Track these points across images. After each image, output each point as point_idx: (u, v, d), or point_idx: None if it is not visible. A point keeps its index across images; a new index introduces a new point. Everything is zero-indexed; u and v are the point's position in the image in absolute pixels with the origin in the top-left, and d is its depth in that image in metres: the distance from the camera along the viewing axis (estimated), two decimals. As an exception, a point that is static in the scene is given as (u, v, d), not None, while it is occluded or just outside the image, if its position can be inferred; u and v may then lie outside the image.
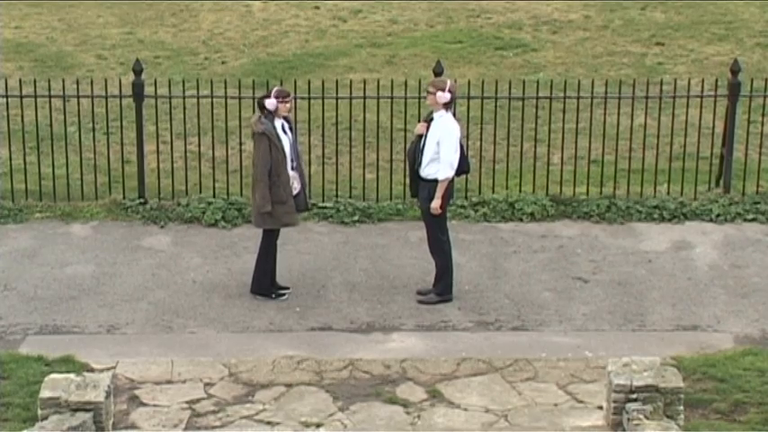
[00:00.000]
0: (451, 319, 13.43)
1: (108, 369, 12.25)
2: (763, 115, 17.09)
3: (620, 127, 16.52)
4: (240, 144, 16.43)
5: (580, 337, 13.24)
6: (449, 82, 13.72)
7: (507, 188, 16.10)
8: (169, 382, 12.30)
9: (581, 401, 12.06)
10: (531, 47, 21.52)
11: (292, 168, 13.55)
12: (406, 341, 13.06)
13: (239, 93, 16.09)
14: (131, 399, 12.06)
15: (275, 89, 13.59)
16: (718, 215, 15.78)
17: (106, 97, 16.00)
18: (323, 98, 16.01)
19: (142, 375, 12.42)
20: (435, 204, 13.38)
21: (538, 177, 16.07)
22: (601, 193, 16.06)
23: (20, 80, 16.42)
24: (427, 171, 13.51)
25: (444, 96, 13.47)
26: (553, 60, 20.86)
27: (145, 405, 12.00)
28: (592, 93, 16.18)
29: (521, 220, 15.56)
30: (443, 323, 13.35)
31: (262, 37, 22.09)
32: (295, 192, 13.57)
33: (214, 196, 15.90)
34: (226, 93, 15.92)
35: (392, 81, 16.37)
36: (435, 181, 13.42)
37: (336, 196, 15.98)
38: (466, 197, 15.85)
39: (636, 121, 16.37)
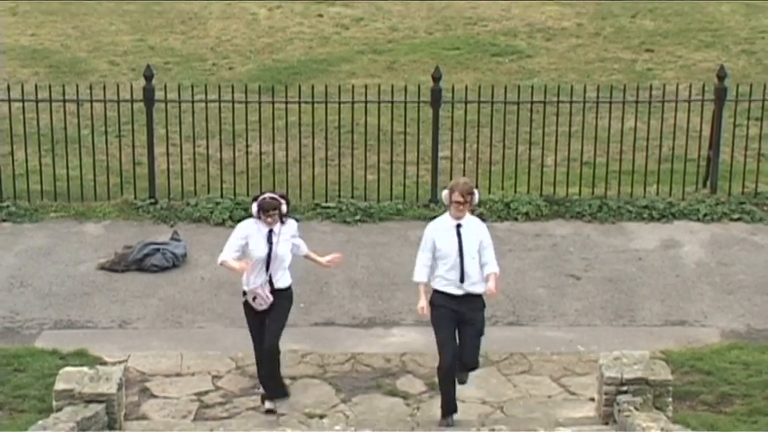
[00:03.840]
0: (449, 314, 13.41)
1: (120, 362, 12.26)
2: (748, 119, 17.14)
3: (611, 130, 16.53)
4: (246, 146, 16.43)
5: (573, 331, 13.24)
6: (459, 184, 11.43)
7: (503, 189, 16.10)
8: (178, 374, 12.31)
9: (573, 393, 12.07)
10: (526, 53, 21.52)
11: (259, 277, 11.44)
12: (406, 336, 13.06)
13: (246, 97, 16.11)
14: (142, 391, 12.07)
15: (262, 198, 11.52)
16: (705, 215, 15.78)
17: (118, 102, 16.00)
18: (326, 102, 16.01)
19: (153, 368, 12.43)
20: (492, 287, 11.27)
21: (532, 178, 16.07)
22: (593, 193, 16.07)
23: (35, 85, 16.43)
24: (479, 287, 11.27)
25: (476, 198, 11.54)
26: (547, 66, 20.86)
27: (155, 397, 12.01)
28: (584, 97, 16.17)
29: (516, 219, 15.56)
30: (442, 318, 13.34)
31: (267, 44, 22.09)
32: (251, 297, 11.48)
33: (222, 197, 15.90)
34: (233, 97, 15.92)
35: (392, 86, 16.37)
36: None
37: (339, 196, 15.99)
38: (463, 197, 15.83)
39: (626, 125, 16.36)
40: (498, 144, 15.95)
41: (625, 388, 11.09)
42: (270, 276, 11.53)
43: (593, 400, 11.75)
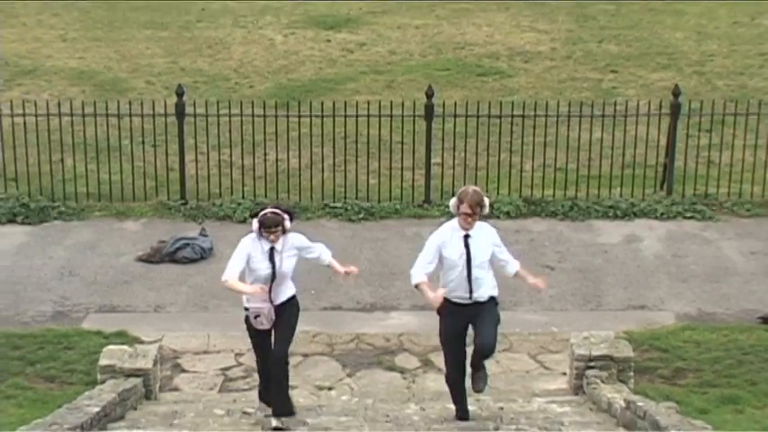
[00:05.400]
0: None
1: (155, 342, 12.25)
2: (699, 131, 17.14)
3: (580, 140, 16.51)
4: (265, 154, 16.42)
5: (547, 315, 13.23)
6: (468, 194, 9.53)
7: (487, 191, 16.03)
8: (206, 352, 12.31)
9: (548, 368, 12.06)
10: (507, 73, 21.50)
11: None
12: (403, 318, 13.05)
13: (264, 112, 16.10)
14: (174, 366, 12.07)
15: (263, 214, 9.60)
16: (662, 214, 15.77)
17: (153, 116, 15.99)
18: (333, 116, 16.00)
19: (184, 347, 12.43)
20: (537, 281, 9.98)
21: (513, 182, 16.06)
22: (565, 195, 16.05)
23: (82, 102, 16.43)
24: (491, 292, 9.82)
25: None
26: (525, 85, 20.85)
27: (186, 371, 12.01)
28: (557, 112, 16.16)
29: (498, 217, 15.53)
30: (434, 303, 13.33)
31: (283, 65, 22.08)
32: (254, 315, 9.83)
33: (243, 197, 15.88)
34: (253, 111, 15.91)
35: (391, 102, 16.35)
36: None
37: (345, 198, 15.98)
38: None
39: (594, 136, 16.37)
40: (483, 152, 15.93)
41: (593, 364, 11.09)
42: (270, 294, 9.69)
43: (565, 374, 11.74)
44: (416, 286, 9.54)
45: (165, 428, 9.81)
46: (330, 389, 11.63)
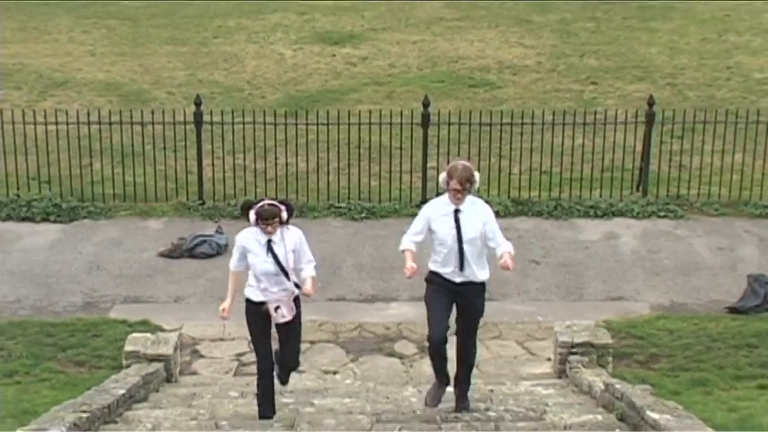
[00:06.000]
0: (436, 291, 13.39)
1: (175, 330, 12.27)
2: (671, 137, 17.14)
3: (564, 146, 16.51)
4: (275, 159, 16.42)
5: (534, 305, 13.24)
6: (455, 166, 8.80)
7: (479, 192, 16.02)
8: (222, 339, 12.32)
9: (534, 354, 12.07)
10: (497, 85, 21.50)
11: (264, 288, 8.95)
12: (402, 309, 13.06)
13: (275, 120, 16.11)
14: (193, 352, 12.08)
15: (260, 206, 8.83)
16: (638, 213, 15.77)
17: (174, 123, 15.99)
18: (338, 124, 16.00)
19: (201, 335, 12.44)
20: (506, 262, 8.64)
21: (502, 184, 16.06)
22: (549, 196, 16.05)
23: (109, 111, 16.44)
24: (481, 274, 8.81)
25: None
26: (513, 95, 20.85)
27: (203, 357, 12.02)
28: (542, 120, 16.16)
29: (488, 216, 15.54)
30: (430, 295, 13.32)
31: (292, 78, 22.08)
32: (274, 306, 8.95)
33: (255, 198, 15.81)
34: (264, 120, 15.91)
35: (391, 111, 16.35)
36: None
37: (348, 198, 15.98)
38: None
39: (576, 142, 16.36)
40: (475, 157, 15.91)
41: (575, 350, 11.10)
42: (291, 283, 8.83)
43: (549, 359, 11.75)
44: (402, 252, 8.74)
45: (185, 408, 9.82)
46: (335, 373, 11.63)
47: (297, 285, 9.00)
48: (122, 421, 9.29)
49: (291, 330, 9.07)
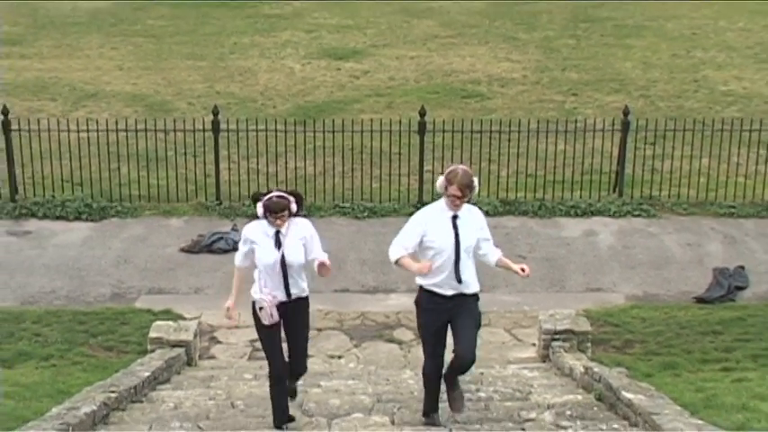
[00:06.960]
0: (431, 283, 13.38)
1: (195, 318, 12.27)
2: (645, 144, 17.11)
3: (547, 151, 16.49)
4: (286, 163, 16.40)
5: (520, 296, 13.24)
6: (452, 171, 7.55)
7: (470, 194, 16.06)
8: (237, 327, 12.31)
9: (520, 340, 12.07)
10: (487, 96, 21.49)
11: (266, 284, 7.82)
12: (401, 299, 13.05)
13: (285, 128, 16.08)
14: (211, 338, 12.08)
15: (268, 198, 7.61)
16: (614, 212, 15.76)
17: (194, 131, 15.98)
18: (343, 132, 15.99)
19: (219, 323, 12.43)
20: (521, 266, 7.82)
21: (491, 186, 16.04)
22: (534, 196, 16.04)
23: (135, 120, 16.45)
24: (473, 287, 7.78)
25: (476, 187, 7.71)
26: (501, 105, 20.83)
27: (220, 343, 12.02)
28: (528, 128, 16.15)
29: (479, 215, 15.54)
30: (426, 286, 13.31)
31: (300, 89, 22.06)
32: (259, 306, 7.88)
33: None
34: (276, 127, 15.90)
35: (390, 120, 16.34)
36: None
37: (352, 199, 15.97)
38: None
39: (558, 147, 16.34)
40: (467, 161, 15.90)
41: (557, 336, 11.11)
42: (287, 284, 7.68)
43: (534, 345, 11.75)
44: (396, 262, 7.54)
45: (204, 389, 9.82)
46: (340, 357, 11.63)
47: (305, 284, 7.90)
48: (147, 401, 9.30)
49: (297, 331, 7.93)
